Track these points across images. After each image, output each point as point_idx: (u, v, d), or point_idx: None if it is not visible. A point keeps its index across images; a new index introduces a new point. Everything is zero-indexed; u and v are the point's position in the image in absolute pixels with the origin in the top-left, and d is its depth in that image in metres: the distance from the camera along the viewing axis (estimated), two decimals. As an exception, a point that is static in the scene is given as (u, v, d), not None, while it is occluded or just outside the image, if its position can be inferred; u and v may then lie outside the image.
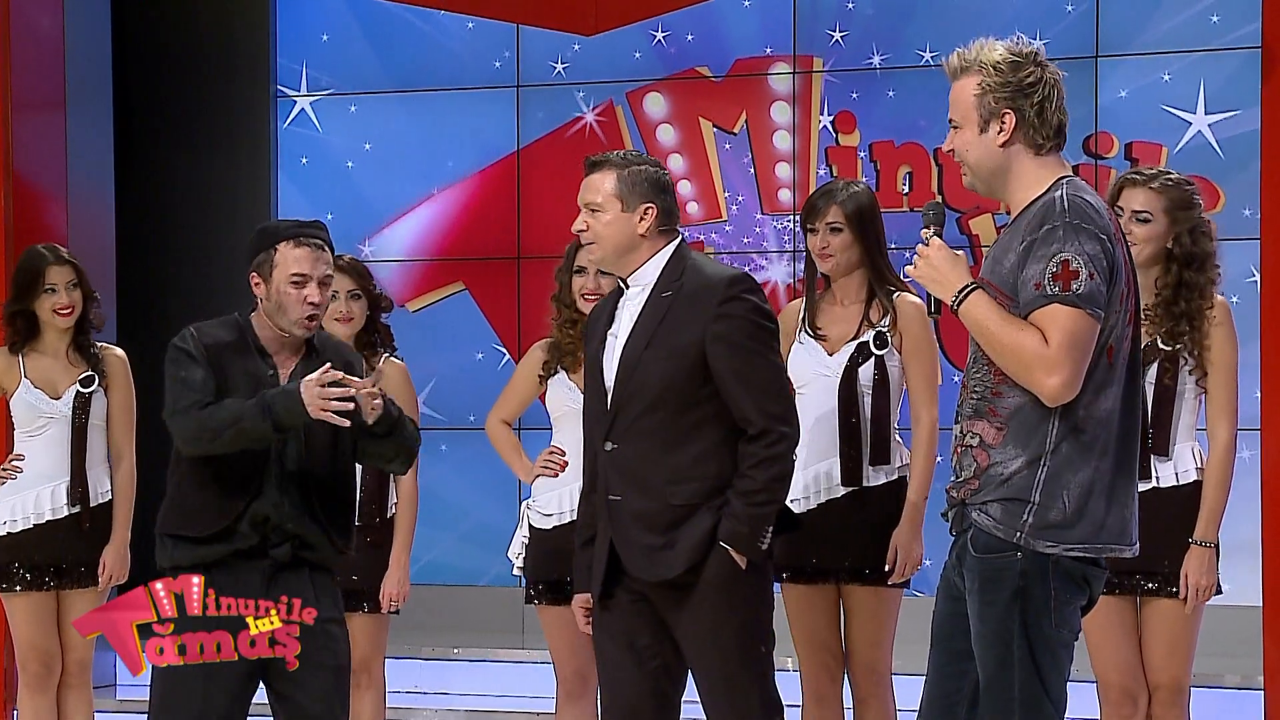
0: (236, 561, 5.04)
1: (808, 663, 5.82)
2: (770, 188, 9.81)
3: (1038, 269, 4.21)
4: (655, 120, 9.97)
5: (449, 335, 10.16)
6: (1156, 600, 5.47)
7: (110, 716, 8.07)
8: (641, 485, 4.91)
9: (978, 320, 4.28)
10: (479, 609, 9.89)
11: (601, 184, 5.01)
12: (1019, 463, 4.28)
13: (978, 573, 4.32)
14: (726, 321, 4.89)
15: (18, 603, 6.59)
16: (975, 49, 4.36)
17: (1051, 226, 4.24)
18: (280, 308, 5.08)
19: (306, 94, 10.38)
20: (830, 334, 5.78)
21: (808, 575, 5.74)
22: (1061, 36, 9.31)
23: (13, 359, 6.64)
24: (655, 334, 4.92)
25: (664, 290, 4.96)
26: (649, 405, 4.90)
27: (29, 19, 8.64)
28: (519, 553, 6.37)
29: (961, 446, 4.38)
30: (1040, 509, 4.26)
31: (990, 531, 4.30)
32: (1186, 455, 5.49)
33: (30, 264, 6.64)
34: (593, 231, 5.01)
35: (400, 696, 8.46)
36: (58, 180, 8.77)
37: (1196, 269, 5.46)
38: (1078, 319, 4.19)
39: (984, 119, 4.33)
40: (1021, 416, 4.28)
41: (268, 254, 5.08)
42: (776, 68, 9.79)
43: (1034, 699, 4.29)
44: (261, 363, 5.12)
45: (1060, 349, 4.19)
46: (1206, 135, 9.18)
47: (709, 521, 4.88)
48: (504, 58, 10.12)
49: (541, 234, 9.77)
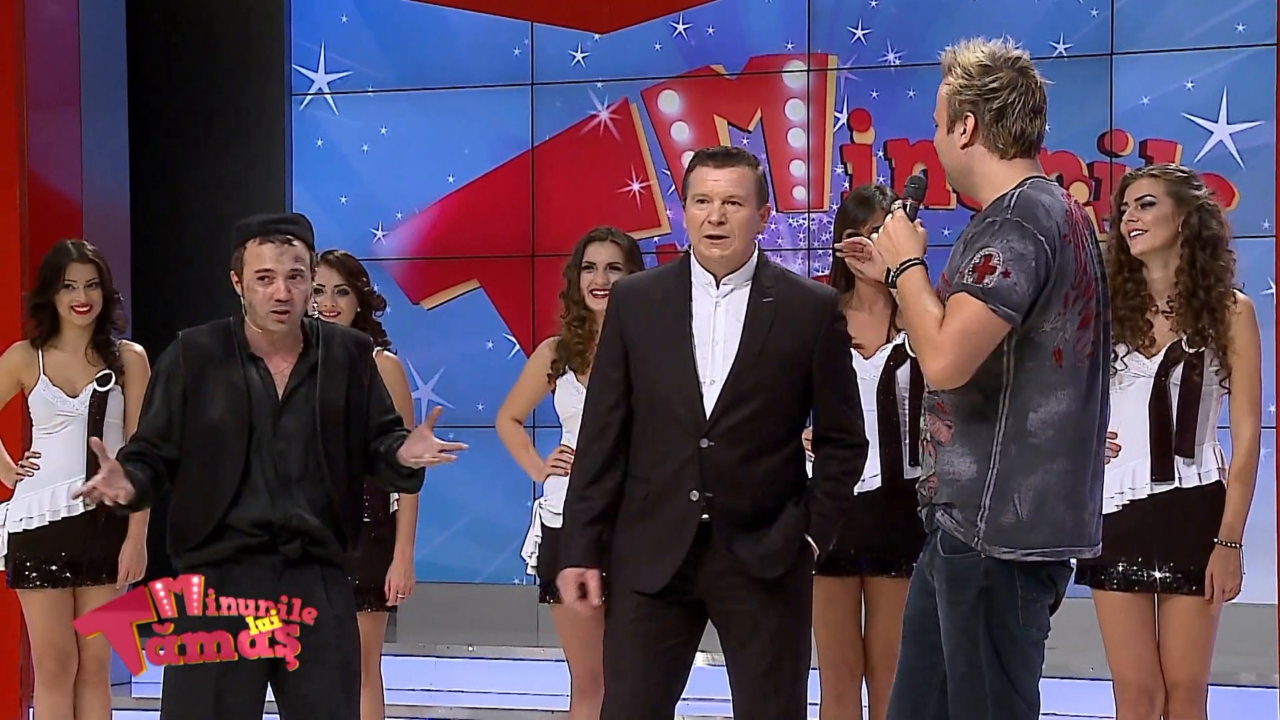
0: (246, 557, 5.02)
1: (829, 659, 5.81)
2: (785, 186, 9.80)
3: (968, 261, 4.27)
4: (670, 118, 9.96)
5: (463, 333, 10.16)
6: (1176, 598, 5.47)
7: (127, 714, 8.07)
8: (735, 485, 4.96)
9: (905, 293, 4.34)
10: (493, 607, 9.89)
11: (743, 177, 5.05)
12: (967, 463, 4.31)
13: (945, 573, 4.36)
14: (834, 338, 5.05)
15: (34, 599, 6.60)
16: (961, 49, 4.40)
17: (992, 220, 4.27)
18: (251, 305, 5.05)
19: (321, 91, 10.38)
20: (864, 339, 5.77)
21: (834, 568, 5.75)
22: (1079, 34, 9.30)
23: (33, 354, 6.65)
24: (768, 338, 4.98)
25: (764, 294, 5.02)
26: (758, 409, 4.96)
27: (44, 16, 8.65)
28: (532, 551, 6.37)
29: (923, 441, 4.46)
30: (992, 514, 4.28)
31: (953, 533, 4.34)
32: (1208, 455, 5.49)
33: (54, 259, 6.66)
34: (732, 224, 5.02)
35: (414, 695, 8.47)
36: (73, 177, 8.78)
37: (1210, 253, 5.46)
38: (977, 311, 4.21)
39: (950, 120, 4.39)
40: (969, 415, 4.31)
41: (239, 251, 5.05)
42: (791, 65, 9.78)
43: (1005, 697, 4.32)
44: (250, 369, 5.06)
45: (949, 335, 4.22)
46: (1228, 145, 9.16)
47: (795, 519, 4.99)
48: (518, 55, 10.12)
49: (556, 231, 9.76)
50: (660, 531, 4.99)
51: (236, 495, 5.01)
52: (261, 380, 5.07)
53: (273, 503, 5.02)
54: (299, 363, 5.10)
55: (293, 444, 5.06)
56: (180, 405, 5.07)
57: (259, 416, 5.03)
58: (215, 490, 5.03)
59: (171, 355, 5.11)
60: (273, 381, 5.07)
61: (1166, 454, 5.44)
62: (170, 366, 5.10)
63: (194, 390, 5.06)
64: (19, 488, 6.66)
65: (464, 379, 10.00)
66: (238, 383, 5.05)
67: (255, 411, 5.03)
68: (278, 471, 5.04)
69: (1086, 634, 6.12)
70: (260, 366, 5.09)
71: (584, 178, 9.80)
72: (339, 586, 5.12)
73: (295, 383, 5.07)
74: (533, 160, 10.09)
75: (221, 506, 5.01)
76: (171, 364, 5.10)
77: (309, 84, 10.38)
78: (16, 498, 6.65)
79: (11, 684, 8.20)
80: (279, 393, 5.07)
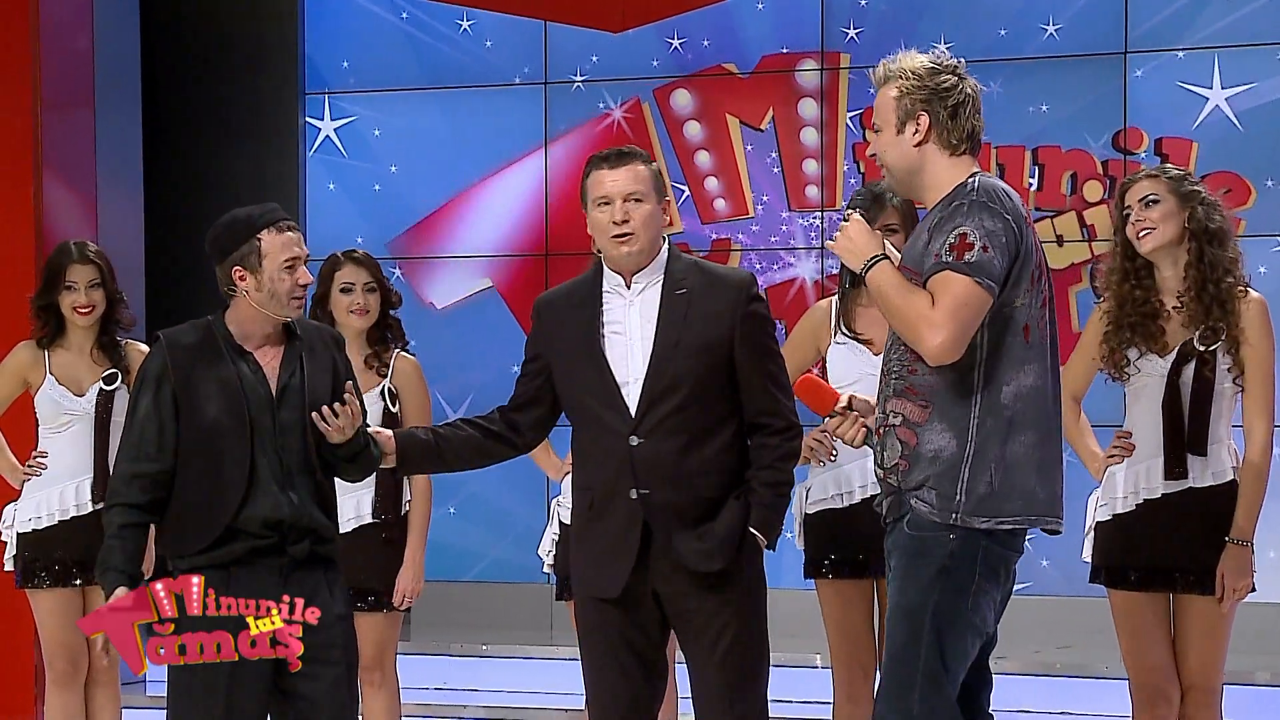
0: (253, 559, 4.97)
1: (843, 659, 5.81)
2: (797, 184, 9.79)
3: (939, 241, 4.45)
4: (682, 117, 9.96)
5: (477, 333, 10.16)
6: (1191, 598, 5.45)
7: (140, 713, 8.07)
8: (672, 479, 4.95)
9: (879, 286, 4.51)
10: (507, 606, 9.89)
11: (640, 174, 5.03)
12: (946, 438, 4.47)
13: (906, 547, 4.52)
14: (751, 322, 5.00)
15: (44, 599, 6.60)
16: (898, 59, 4.63)
17: (959, 204, 4.47)
18: (273, 296, 5.00)
19: (334, 90, 10.38)
20: (872, 335, 5.77)
21: (849, 569, 5.74)
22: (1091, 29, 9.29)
23: (39, 354, 6.65)
24: (683, 331, 4.96)
25: (676, 287, 5.01)
26: (682, 401, 4.95)
27: (58, 16, 8.66)
28: (549, 549, 6.37)
29: (885, 427, 4.56)
30: (970, 485, 4.45)
31: (927, 517, 4.48)
32: (1222, 454, 5.47)
33: (55, 259, 6.65)
34: (636, 222, 5.02)
35: (428, 693, 8.47)
36: (87, 177, 8.79)
37: (1218, 245, 5.46)
38: (965, 285, 4.40)
39: (901, 120, 4.59)
40: (944, 393, 4.48)
41: (251, 244, 4.99)
42: (803, 64, 9.77)
43: (936, 677, 4.46)
44: (239, 364, 5.01)
45: (944, 310, 4.40)
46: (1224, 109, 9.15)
47: (737, 511, 4.97)
48: (532, 55, 10.12)
49: (569, 231, 9.76)
50: (609, 536, 5.01)
51: (245, 494, 4.96)
52: (253, 374, 5.02)
53: (282, 498, 4.96)
54: (286, 355, 5.06)
55: (290, 437, 5.02)
56: (171, 410, 4.99)
57: (257, 410, 4.99)
58: (222, 490, 4.96)
59: (157, 358, 5.04)
60: (264, 375, 5.03)
61: (1180, 452, 5.43)
62: (158, 370, 5.03)
63: (184, 391, 4.99)
64: (26, 488, 6.65)
65: (477, 379, 10.00)
66: (230, 379, 4.99)
67: (252, 406, 4.98)
68: (283, 465, 5.00)
69: (1102, 634, 6.12)
70: (249, 360, 5.03)
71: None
72: (339, 585, 5.10)
73: (286, 375, 5.04)
74: (545, 159, 10.09)
75: (231, 507, 4.95)
76: (159, 367, 5.03)
77: (322, 83, 10.39)
78: (24, 497, 6.65)
79: (25, 684, 8.21)
80: (272, 386, 5.02)
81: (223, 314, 5.08)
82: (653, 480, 4.95)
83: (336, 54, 10.38)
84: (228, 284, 5.04)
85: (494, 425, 5.17)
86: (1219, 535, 5.43)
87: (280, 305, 5.02)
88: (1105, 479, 5.57)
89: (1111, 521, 5.53)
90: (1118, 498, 5.52)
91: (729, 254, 9.74)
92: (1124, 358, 5.49)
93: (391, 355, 6.30)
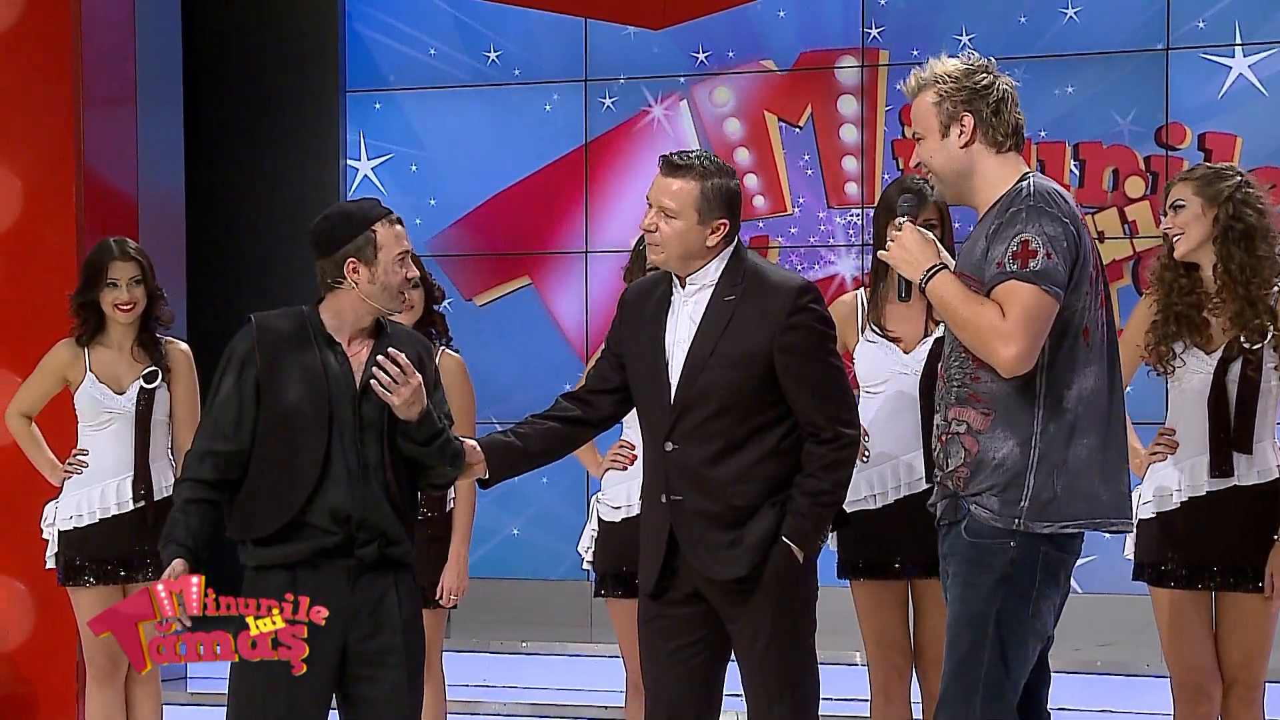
0: (321, 560, 4.92)
1: (877, 660, 5.79)
2: (836, 181, 9.78)
3: (1000, 249, 4.43)
4: (721, 114, 9.95)
5: (515, 329, 10.16)
6: (1235, 596, 5.45)
7: (181, 709, 8.10)
8: (703, 486, 4.94)
9: (942, 297, 4.50)
10: (547, 603, 9.90)
11: (682, 191, 4.96)
12: (1010, 445, 4.45)
13: (966, 555, 4.49)
14: (795, 332, 4.93)
15: (85, 597, 6.61)
16: (930, 65, 4.61)
17: (1016, 210, 4.45)
18: (385, 288, 4.98)
19: (375, 88, 10.40)
20: (902, 332, 5.75)
21: (882, 571, 5.72)
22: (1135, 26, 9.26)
23: (79, 351, 6.66)
24: (720, 340, 4.94)
25: (725, 294, 4.97)
26: (714, 410, 4.93)
27: (100, 14, 8.68)
28: (589, 546, 6.37)
29: (948, 434, 4.53)
30: (1035, 491, 4.43)
31: (988, 522, 4.46)
32: (1267, 452, 5.46)
33: (96, 257, 6.67)
34: (662, 235, 4.98)
35: (468, 690, 8.48)
36: (128, 175, 8.82)
37: (1244, 247, 5.42)
38: (1034, 294, 4.39)
39: (944, 125, 4.57)
40: (1008, 400, 4.45)
41: (367, 237, 4.96)
42: (842, 60, 9.75)
43: (998, 683, 4.45)
44: (327, 354, 4.97)
45: (1016, 322, 4.38)
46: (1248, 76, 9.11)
47: (772, 519, 4.93)
48: (573, 51, 10.12)
49: (609, 228, 9.76)
50: (646, 536, 5.04)
51: (318, 483, 4.90)
52: (339, 365, 4.98)
53: (354, 493, 4.91)
54: (375, 350, 4.99)
55: (370, 432, 4.97)
56: (253, 392, 4.95)
57: (339, 402, 4.94)
58: (295, 477, 4.91)
59: (245, 339, 5.01)
60: (350, 367, 4.98)
61: (1225, 451, 5.42)
62: (245, 352, 4.99)
63: (268, 375, 4.96)
64: (67, 486, 6.66)
65: (516, 375, 10.00)
66: (315, 367, 4.96)
67: (334, 397, 4.94)
68: (360, 460, 4.94)
69: (1144, 631, 6.10)
70: (338, 351, 5.00)
71: (638, 174, 9.79)
72: (408, 588, 5.04)
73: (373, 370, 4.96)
74: (586, 156, 10.09)
75: (303, 494, 4.89)
76: (246, 349, 4.99)
77: (363, 80, 10.40)
78: (65, 495, 6.66)
79: (67, 681, 8.24)
80: (357, 379, 4.97)
81: (317, 305, 5.05)
82: (683, 487, 4.95)
83: (377, 51, 10.39)
84: (335, 275, 4.98)
85: (570, 411, 5.15)
86: (1263, 533, 5.42)
87: (390, 297, 5.01)
88: (1148, 476, 5.56)
89: (1155, 519, 5.51)
90: (1162, 495, 5.50)
91: (766, 251, 9.72)
92: (1169, 350, 5.48)
93: (437, 352, 6.30)
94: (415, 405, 4.90)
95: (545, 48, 10.16)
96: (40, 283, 8.36)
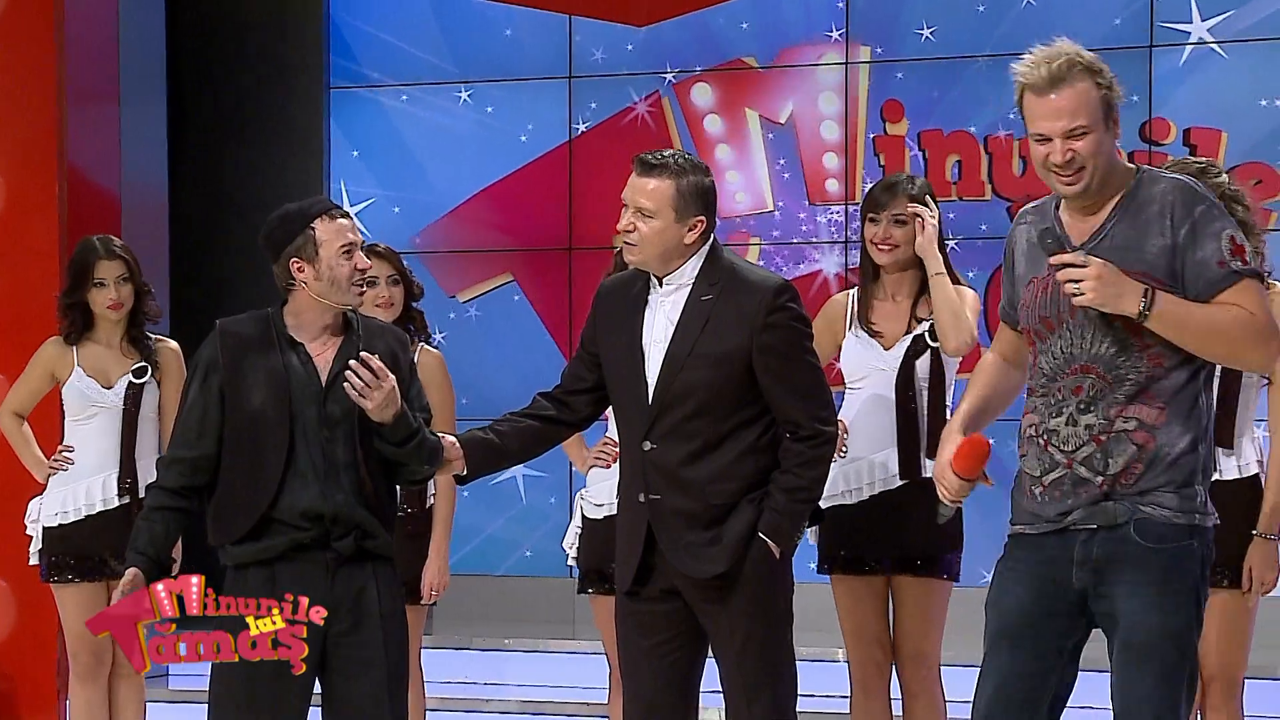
0: (297, 554, 4.96)
1: (856, 655, 5.81)
2: (818, 178, 9.79)
3: (1213, 247, 4.25)
4: (702, 111, 9.96)
5: (498, 325, 10.17)
6: (1215, 592, 5.42)
7: (164, 706, 8.10)
8: (681, 485, 4.95)
9: (1179, 317, 4.25)
10: (530, 599, 9.90)
11: (658, 190, 4.98)
12: (1185, 442, 4.31)
13: (1151, 564, 4.29)
14: (774, 332, 4.94)
15: (69, 594, 6.62)
16: (1064, 52, 4.31)
17: (1204, 207, 4.28)
18: (334, 283, 4.99)
19: (358, 85, 10.40)
20: (884, 329, 5.77)
21: (859, 566, 5.74)
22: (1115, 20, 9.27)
23: (67, 349, 6.66)
24: (699, 339, 4.95)
25: (703, 293, 4.98)
26: (693, 410, 4.94)
27: (83, 10, 8.68)
28: (572, 543, 6.38)
29: (1109, 434, 4.31)
30: (1206, 483, 4.35)
31: (1168, 521, 4.29)
32: (1247, 446, 5.48)
33: (81, 256, 6.66)
34: (640, 235, 4.99)
35: (451, 687, 8.48)
36: (112, 171, 8.82)
37: None
38: (1262, 289, 4.30)
39: (1105, 118, 4.32)
40: (1179, 394, 4.31)
41: (305, 235, 4.99)
42: (824, 57, 9.76)
43: (1192, 678, 4.35)
44: (289, 355, 5.00)
45: (1269, 317, 4.26)
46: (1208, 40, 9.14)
47: (749, 516, 4.95)
48: (556, 48, 10.12)
49: (592, 225, 9.77)
50: (623, 533, 5.06)
51: (282, 483, 4.94)
52: (303, 366, 5.01)
53: (322, 492, 4.94)
54: (342, 348, 5.03)
55: (338, 429, 4.99)
56: (218, 399, 5.00)
57: (301, 403, 4.97)
58: (260, 478, 4.96)
59: (210, 346, 5.06)
60: (315, 367, 5.01)
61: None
62: (209, 358, 5.05)
63: (232, 380, 5.00)
64: (52, 482, 6.66)
65: (499, 371, 10.01)
66: (277, 369, 4.99)
67: (296, 397, 4.97)
68: (326, 458, 4.97)
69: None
70: (301, 352, 5.02)
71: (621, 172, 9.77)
72: (388, 582, 5.07)
73: (339, 368, 4.98)
74: (570, 154, 10.09)
75: (267, 495, 4.94)
76: (210, 356, 5.05)
77: (347, 78, 10.40)
78: (49, 492, 6.66)
79: (49, 677, 8.25)
80: (322, 379, 5.00)
81: (281, 308, 5.08)
82: (661, 486, 4.96)
83: (360, 48, 10.39)
84: (286, 279, 5.03)
85: (547, 410, 5.17)
86: (1243, 528, 5.43)
87: (341, 292, 5.01)
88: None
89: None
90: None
91: (747, 248, 9.73)
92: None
93: (415, 350, 6.30)
94: (389, 408, 4.92)
95: (529, 45, 10.16)
96: (23, 280, 8.37)
